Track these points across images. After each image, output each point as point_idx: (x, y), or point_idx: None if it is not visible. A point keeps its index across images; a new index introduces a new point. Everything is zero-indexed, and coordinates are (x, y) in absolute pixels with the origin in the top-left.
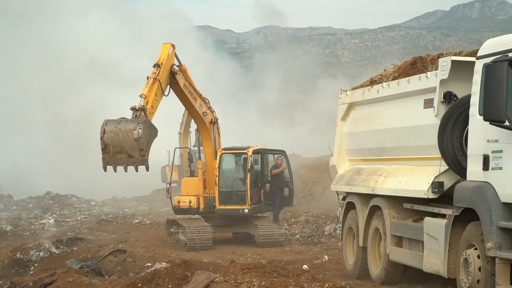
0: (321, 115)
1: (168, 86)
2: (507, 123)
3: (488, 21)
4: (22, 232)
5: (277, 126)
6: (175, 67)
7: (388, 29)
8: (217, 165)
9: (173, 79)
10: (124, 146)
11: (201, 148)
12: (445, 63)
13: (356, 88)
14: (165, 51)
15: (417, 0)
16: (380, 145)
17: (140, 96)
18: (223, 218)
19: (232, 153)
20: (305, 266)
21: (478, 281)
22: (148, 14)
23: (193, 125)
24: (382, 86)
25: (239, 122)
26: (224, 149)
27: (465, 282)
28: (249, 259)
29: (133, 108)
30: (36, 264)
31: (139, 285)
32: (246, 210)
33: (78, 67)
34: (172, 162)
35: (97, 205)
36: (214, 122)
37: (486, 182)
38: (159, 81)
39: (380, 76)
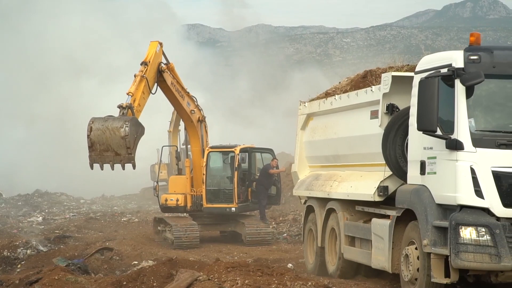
0: None
1: (156, 84)
2: (439, 132)
3: (479, 21)
4: (10, 230)
5: (267, 124)
6: (162, 65)
7: (380, 28)
8: (204, 164)
9: (160, 77)
10: (111, 144)
11: (188, 146)
12: (387, 78)
13: (313, 99)
14: (153, 49)
15: (410, 0)
16: (335, 153)
17: (127, 94)
18: (210, 216)
19: (220, 151)
20: (290, 265)
21: (417, 272)
22: (135, 12)
23: (183, 123)
24: (335, 98)
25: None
26: (211, 148)
27: (406, 275)
28: (235, 258)
29: (120, 106)
30: (23, 262)
31: (124, 283)
32: (233, 209)
33: (60, 63)
34: (160, 160)
35: (86, 203)
36: (202, 120)
37: (422, 185)
38: (147, 79)
39: (334, 89)
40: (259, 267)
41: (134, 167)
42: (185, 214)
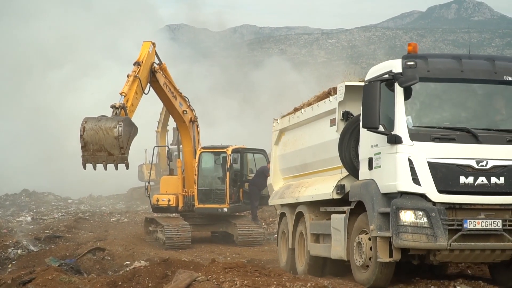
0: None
1: (148, 84)
2: (381, 129)
3: (464, 22)
4: (0, 230)
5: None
6: (155, 65)
7: (364, 29)
8: (196, 164)
9: (153, 77)
10: (104, 144)
11: (180, 146)
12: (341, 88)
13: (284, 116)
14: (146, 49)
15: (394, 1)
16: (303, 162)
17: (120, 94)
18: (202, 217)
19: (212, 152)
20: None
21: (369, 259)
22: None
23: (171, 124)
24: (301, 112)
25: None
26: (203, 148)
27: (359, 261)
28: (228, 258)
29: (113, 106)
30: (14, 262)
31: (119, 283)
32: (225, 209)
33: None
34: (152, 161)
35: (74, 203)
36: (194, 120)
37: (371, 179)
38: (139, 79)
39: (302, 105)
40: (256, 267)
41: (127, 167)
42: (176, 214)
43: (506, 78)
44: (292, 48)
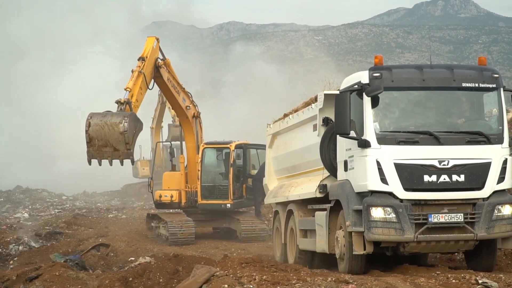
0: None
1: (152, 79)
2: (353, 134)
3: (451, 19)
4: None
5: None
6: (159, 60)
7: (351, 26)
8: (199, 160)
9: (157, 72)
10: (110, 140)
11: (178, 142)
12: (321, 96)
13: (276, 121)
14: (150, 45)
15: None
16: (292, 164)
17: (125, 89)
18: (205, 212)
19: (215, 147)
20: None
21: (344, 254)
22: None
23: (165, 120)
24: (289, 117)
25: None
26: (206, 144)
27: (338, 253)
28: (235, 254)
29: (118, 102)
30: (15, 258)
31: (130, 279)
32: (228, 205)
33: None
34: (154, 157)
35: (69, 199)
36: (197, 116)
37: (346, 179)
38: (144, 75)
39: (291, 111)
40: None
41: (133, 162)
42: (178, 210)
43: (464, 84)
44: (279, 45)
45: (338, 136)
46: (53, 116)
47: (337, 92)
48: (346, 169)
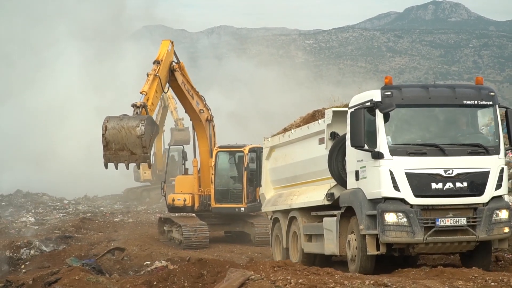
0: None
1: (167, 83)
2: (366, 147)
3: (441, 23)
4: (7, 230)
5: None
6: (174, 64)
7: (342, 30)
8: (213, 163)
9: (172, 76)
10: (127, 143)
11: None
12: (329, 113)
13: (274, 135)
14: (165, 48)
15: (371, 2)
16: (293, 174)
17: (140, 93)
18: (218, 216)
19: (228, 151)
20: None
21: (355, 255)
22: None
23: (167, 124)
24: (291, 132)
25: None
26: (220, 147)
27: (349, 255)
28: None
29: (134, 105)
30: (27, 263)
31: (155, 283)
32: (242, 209)
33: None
34: (167, 160)
35: (71, 203)
36: (210, 120)
37: (358, 188)
38: (159, 78)
39: (290, 126)
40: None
41: (150, 166)
42: (190, 214)
43: (465, 102)
44: (270, 49)
45: (349, 148)
46: (46, 116)
47: (344, 108)
48: (357, 178)
